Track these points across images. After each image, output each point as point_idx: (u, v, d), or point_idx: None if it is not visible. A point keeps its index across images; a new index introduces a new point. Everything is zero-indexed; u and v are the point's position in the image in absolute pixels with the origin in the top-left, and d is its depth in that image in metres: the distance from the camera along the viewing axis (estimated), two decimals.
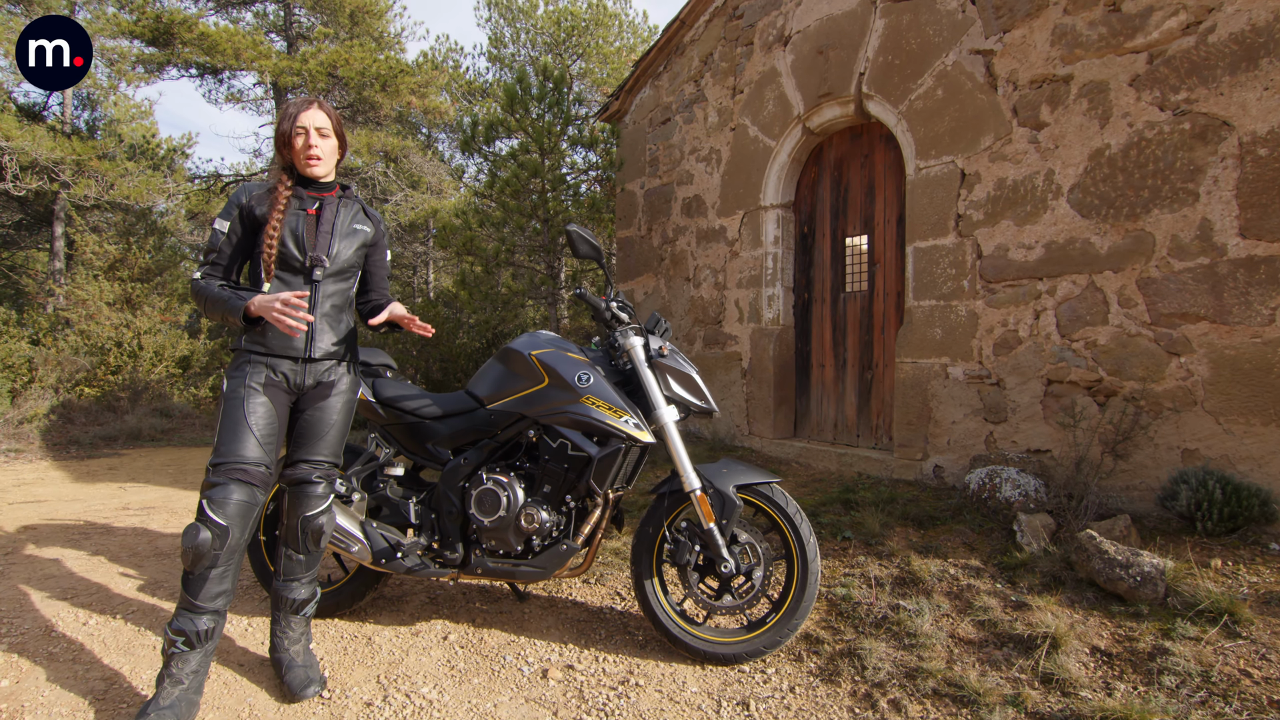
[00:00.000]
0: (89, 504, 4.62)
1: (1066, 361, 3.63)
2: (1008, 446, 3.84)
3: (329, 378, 2.25)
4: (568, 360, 2.49)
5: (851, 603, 2.74)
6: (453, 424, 2.62)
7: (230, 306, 2.06)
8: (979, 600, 2.68)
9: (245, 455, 2.05)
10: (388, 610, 2.84)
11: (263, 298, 2.01)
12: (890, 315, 4.72)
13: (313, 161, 2.20)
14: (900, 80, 4.39)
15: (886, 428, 4.71)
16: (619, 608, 2.87)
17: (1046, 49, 3.73)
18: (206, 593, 2.01)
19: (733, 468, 2.46)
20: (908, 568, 3.00)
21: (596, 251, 2.46)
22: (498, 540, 2.48)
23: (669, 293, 6.43)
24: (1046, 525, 3.14)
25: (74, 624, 2.64)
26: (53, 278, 11.46)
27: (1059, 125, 3.67)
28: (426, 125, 15.39)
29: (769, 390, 5.36)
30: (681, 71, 6.29)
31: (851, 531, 3.42)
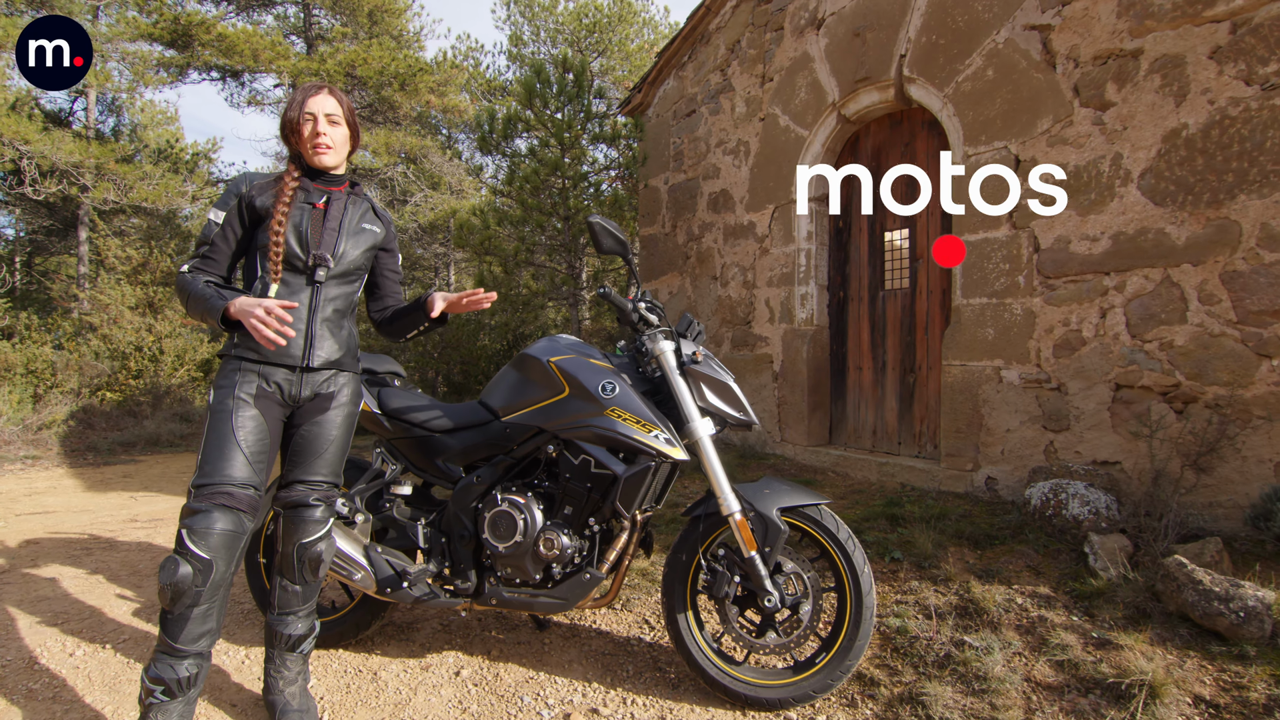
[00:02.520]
0: (97, 515, 4.47)
1: (1138, 364, 3.30)
2: (1070, 458, 3.51)
3: (328, 389, 2.02)
4: (590, 368, 2.23)
5: (908, 637, 2.45)
6: (464, 438, 2.38)
7: (210, 306, 1.83)
8: (1055, 636, 2.37)
9: (231, 476, 1.82)
10: (396, 639, 2.61)
11: (244, 300, 1.78)
12: (935, 314, 4.40)
13: (321, 150, 1.97)
14: (946, 61, 4.08)
15: (931, 435, 4.40)
16: (648, 638, 2.61)
17: (1112, 21, 3.40)
18: (188, 634, 1.78)
19: (776, 487, 2.19)
20: (968, 595, 2.70)
21: (622, 245, 2.20)
22: (514, 568, 2.24)
23: (695, 292, 6.16)
24: (1123, 547, 2.81)
25: (60, 655, 2.44)
26: (76, 282, 11.50)
27: (1127, 104, 3.34)
28: (446, 125, 15.27)
29: (802, 394, 5.06)
30: (707, 61, 6.02)
31: (901, 551, 3.12)
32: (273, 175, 2.03)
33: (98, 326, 9.74)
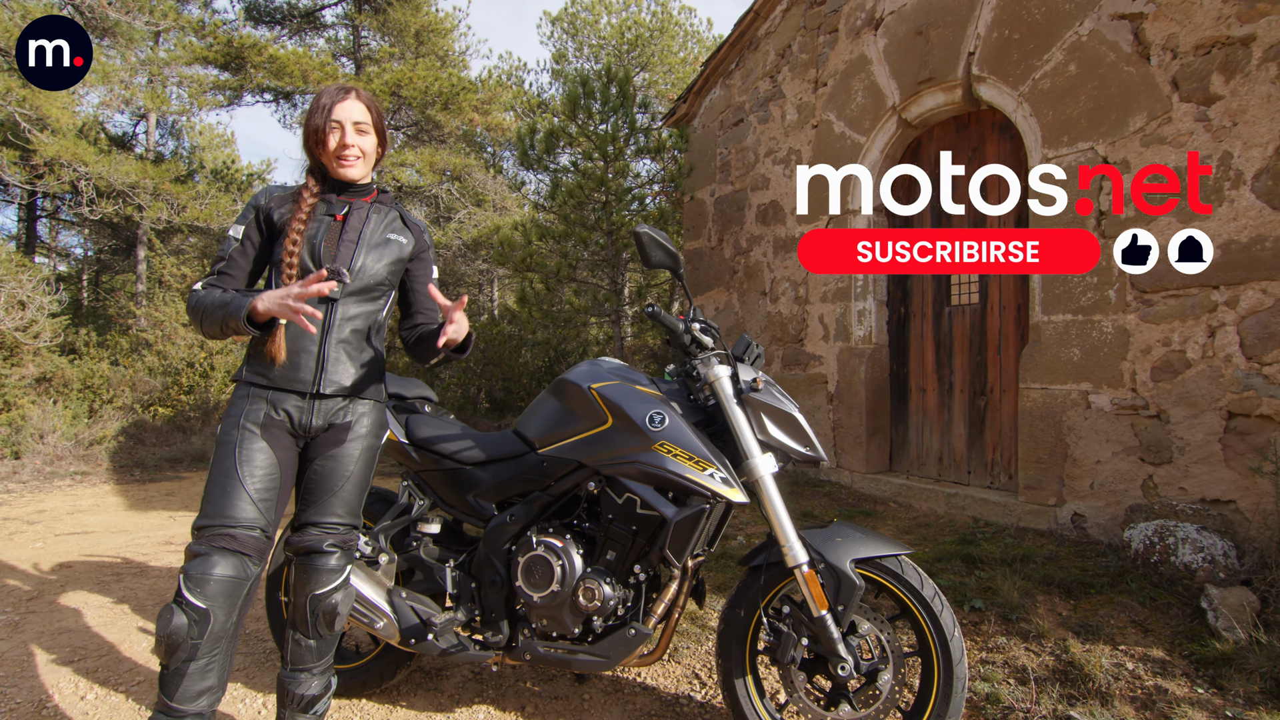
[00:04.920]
0: (134, 536, 4.41)
1: (1255, 390, 2.90)
2: (1174, 495, 3.12)
3: (343, 418, 1.83)
4: (636, 395, 1.99)
5: (1001, 707, 2.12)
6: (498, 471, 2.16)
7: (232, 307, 1.65)
8: (1179, 713, 2.02)
9: (234, 517, 1.64)
10: (424, 689, 2.39)
11: (274, 293, 1.60)
12: (1009, 332, 4.04)
13: (347, 163, 1.80)
14: (1020, 57, 3.75)
15: (1005, 464, 4.02)
16: (698, 697, 2.34)
17: (1217, 6, 3.04)
18: (185, 692, 1.59)
19: (848, 535, 1.90)
20: (1066, 655, 2.36)
21: (672, 259, 1.97)
22: (550, 620, 2.00)
23: (743, 308, 5.88)
24: (1249, 603, 2.43)
25: (71, 697, 2.29)
26: (135, 300, 11.83)
27: (1237, 98, 2.98)
28: (490, 143, 15.36)
29: (860, 418, 4.73)
30: (755, 68, 5.78)
31: (982, 600, 2.78)
32: (294, 189, 1.86)
33: (153, 343, 9.95)
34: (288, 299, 1.58)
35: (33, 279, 7.95)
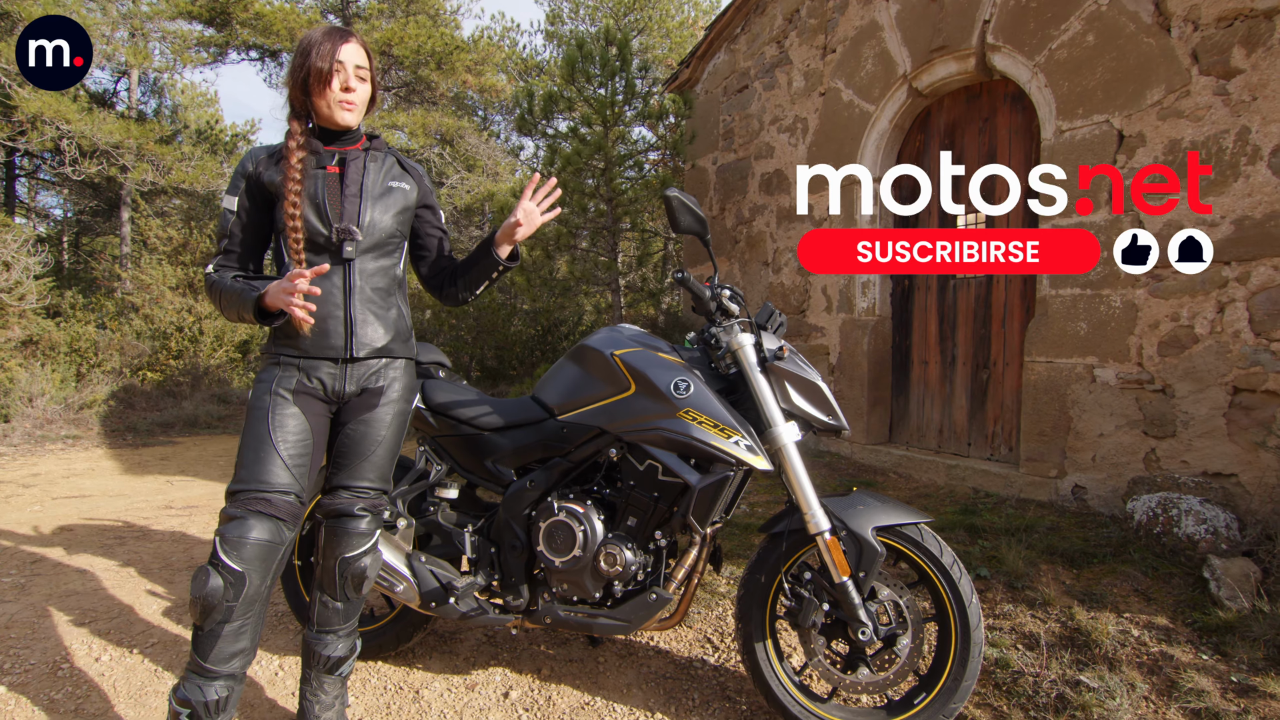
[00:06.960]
0: (133, 500, 4.38)
1: (1262, 365, 2.93)
2: (1176, 467, 3.16)
3: (376, 382, 1.80)
4: (660, 363, 1.98)
5: (1011, 672, 2.17)
6: (517, 437, 2.15)
7: (243, 300, 1.64)
8: (1186, 678, 2.07)
9: (269, 481, 1.62)
10: (439, 652, 2.41)
11: (277, 285, 1.57)
12: (1014, 305, 4.05)
13: (350, 106, 1.73)
14: (1037, 27, 3.70)
15: (1007, 436, 4.06)
16: (712, 660, 2.37)
17: None
18: (219, 653, 1.59)
19: (869, 503, 1.92)
20: (1072, 623, 2.41)
21: (701, 224, 1.94)
22: (571, 584, 2.01)
23: (744, 279, 5.86)
24: (1251, 574, 2.49)
25: (86, 658, 2.29)
26: (119, 262, 11.60)
27: (1258, 72, 2.95)
28: (483, 106, 15.06)
29: (862, 389, 4.75)
30: (762, 32, 5.67)
31: (987, 568, 2.83)
32: (279, 146, 1.78)
33: (140, 306, 9.78)
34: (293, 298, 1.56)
35: (16, 239, 7.76)
